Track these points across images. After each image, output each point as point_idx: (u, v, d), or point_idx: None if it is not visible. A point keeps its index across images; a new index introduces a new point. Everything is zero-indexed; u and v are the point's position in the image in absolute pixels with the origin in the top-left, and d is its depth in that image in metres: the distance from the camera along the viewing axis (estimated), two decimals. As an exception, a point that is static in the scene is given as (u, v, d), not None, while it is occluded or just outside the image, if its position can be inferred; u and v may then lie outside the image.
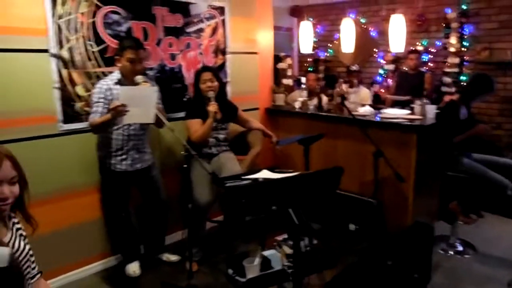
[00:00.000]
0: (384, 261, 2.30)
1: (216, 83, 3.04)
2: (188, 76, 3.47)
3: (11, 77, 2.48)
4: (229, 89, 3.77)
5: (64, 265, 2.87)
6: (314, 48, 6.88)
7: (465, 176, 3.19)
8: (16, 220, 1.39)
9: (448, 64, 5.32)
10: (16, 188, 1.29)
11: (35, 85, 2.58)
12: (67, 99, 2.73)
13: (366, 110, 3.88)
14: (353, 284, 2.33)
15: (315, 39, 6.86)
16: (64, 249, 2.84)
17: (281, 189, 1.81)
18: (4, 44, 2.43)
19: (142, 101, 2.51)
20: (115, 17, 2.92)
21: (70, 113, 2.75)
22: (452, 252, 3.26)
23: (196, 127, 2.97)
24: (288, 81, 4.38)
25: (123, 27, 2.97)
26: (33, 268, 1.44)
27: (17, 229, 1.38)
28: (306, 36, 4.74)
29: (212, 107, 2.89)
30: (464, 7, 5.17)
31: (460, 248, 3.30)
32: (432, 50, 5.58)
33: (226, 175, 2.67)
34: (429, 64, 5.59)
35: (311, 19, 6.69)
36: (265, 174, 2.34)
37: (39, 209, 2.57)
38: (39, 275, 1.48)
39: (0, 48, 2.41)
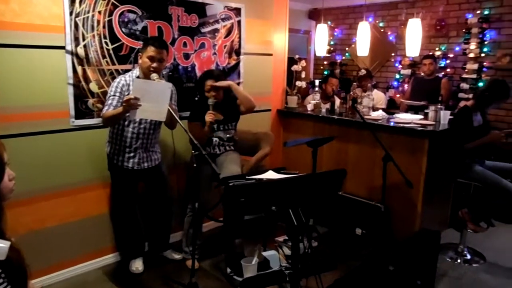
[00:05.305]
0: (386, 267, 2.28)
1: (219, 92, 3.05)
2: (201, 76, 3.51)
3: (28, 73, 2.55)
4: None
5: (68, 259, 2.91)
6: (331, 51, 6.88)
7: (476, 184, 3.14)
8: None
9: (467, 70, 5.24)
10: None
11: (51, 81, 2.65)
12: (81, 95, 2.80)
13: (378, 114, 3.84)
14: (355, 289, 2.32)
15: (332, 42, 6.86)
16: (69, 243, 2.89)
17: (280, 190, 1.82)
18: (23, 40, 2.51)
19: (156, 96, 2.50)
20: (132, 16, 2.99)
21: (82, 109, 2.83)
22: (459, 261, 3.21)
23: (195, 130, 2.95)
24: (301, 84, 4.38)
25: (139, 26, 3.04)
26: None
27: None
28: (321, 39, 4.73)
29: (209, 116, 2.89)
30: (486, 12, 5.08)
31: (468, 256, 3.25)
32: (451, 55, 5.48)
33: (224, 175, 2.68)
34: (447, 69, 5.50)
35: (330, 23, 6.69)
36: (270, 174, 2.35)
37: (47, 203, 2.70)
38: None
39: (19, 44, 2.50)
